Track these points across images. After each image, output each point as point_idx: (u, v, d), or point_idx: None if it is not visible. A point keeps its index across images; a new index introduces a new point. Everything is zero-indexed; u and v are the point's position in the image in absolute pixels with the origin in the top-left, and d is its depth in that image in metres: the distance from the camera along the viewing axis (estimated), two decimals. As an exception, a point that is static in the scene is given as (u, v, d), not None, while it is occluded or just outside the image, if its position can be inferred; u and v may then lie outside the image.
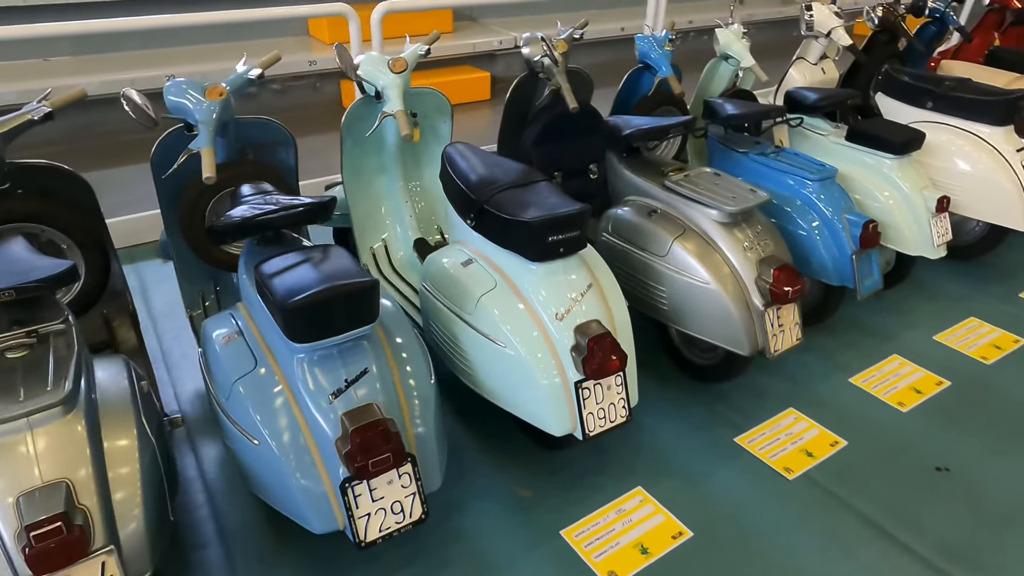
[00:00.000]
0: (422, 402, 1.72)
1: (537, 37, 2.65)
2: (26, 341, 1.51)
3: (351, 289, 1.51)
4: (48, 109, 1.89)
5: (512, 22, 6.38)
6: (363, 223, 2.65)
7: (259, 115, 2.31)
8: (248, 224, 1.72)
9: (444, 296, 2.01)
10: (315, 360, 1.58)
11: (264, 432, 1.57)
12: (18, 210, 1.93)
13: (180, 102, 2.04)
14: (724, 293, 2.12)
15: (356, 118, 2.47)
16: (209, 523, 1.91)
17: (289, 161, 2.40)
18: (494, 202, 1.90)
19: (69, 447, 1.38)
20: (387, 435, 1.51)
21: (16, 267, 1.58)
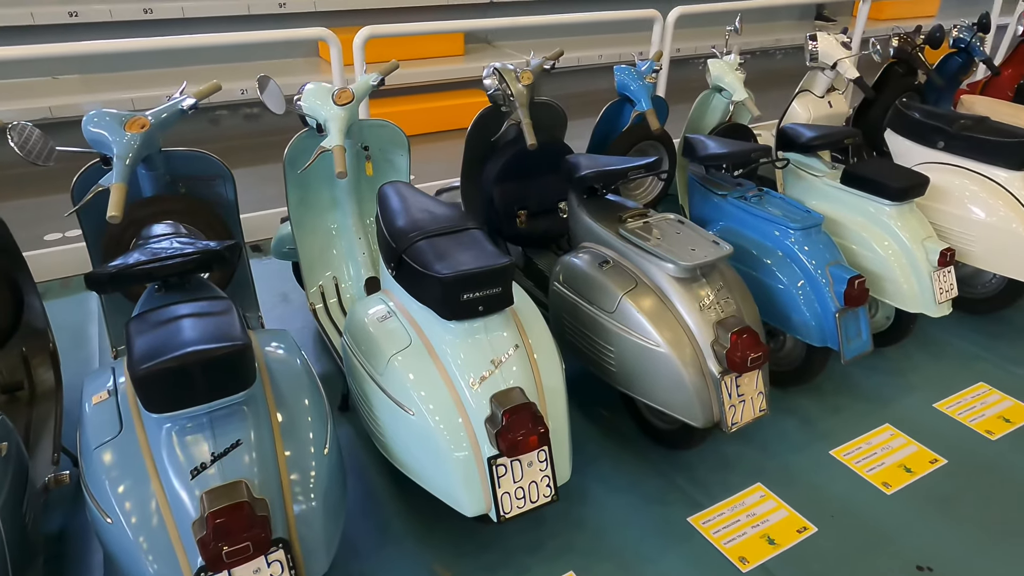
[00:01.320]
0: (314, 476, 1.55)
1: (493, 69, 2.48)
2: None
3: (213, 355, 1.35)
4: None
5: (528, 44, 6.25)
6: (311, 258, 2.51)
7: (192, 147, 2.19)
8: (122, 274, 1.58)
9: (360, 352, 1.84)
10: (183, 430, 1.42)
11: (120, 507, 1.42)
12: (-80, 246, 1.84)
13: (98, 133, 1.94)
14: (676, 357, 1.90)
15: (299, 150, 2.34)
16: (97, 589, 1.77)
17: (227, 195, 2.28)
18: (412, 251, 1.73)
19: None
20: (249, 520, 1.33)
21: None
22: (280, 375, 1.66)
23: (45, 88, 4.59)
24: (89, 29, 4.54)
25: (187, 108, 2.10)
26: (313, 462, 1.57)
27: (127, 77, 4.84)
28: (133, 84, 4.68)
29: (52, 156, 1.87)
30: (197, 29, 4.84)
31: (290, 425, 1.58)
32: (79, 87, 4.65)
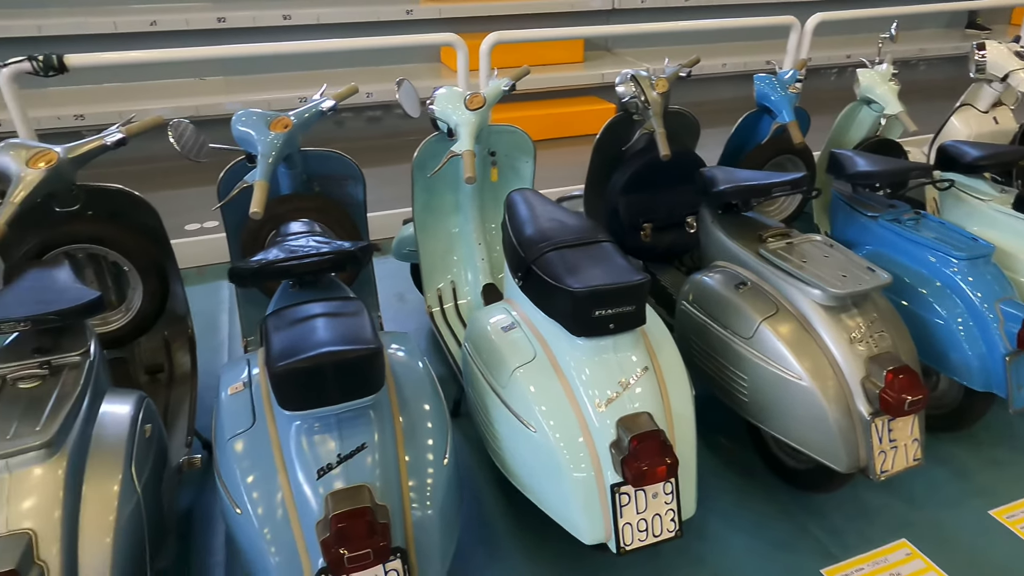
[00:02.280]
0: (432, 485, 1.52)
1: (628, 76, 2.39)
2: (38, 372, 1.49)
3: (346, 357, 1.34)
4: (121, 135, 1.93)
5: (649, 52, 6.10)
6: (432, 261, 2.52)
7: (328, 148, 2.25)
8: (263, 270, 1.62)
9: (481, 362, 1.81)
10: (311, 429, 1.43)
11: (249, 498, 1.44)
12: (85, 232, 1.97)
13: (245, 132, 2.02)
14: (819, 392, 1.74)
15: (428, 154, 2.35)
16: (218, 571, 1.83)
17: (357, 195, 2.32)
18: (542, 262, 1.68)
19: (42, 494, 1.32)
20: (372, 526, 1.32)
21: (43, 295, 1.57)
22: (403, 379, 1.65)
23: (193, 88, 4.94)
24: (234, 34, 4.83)
25: (327, 110, 2.15)
26: (432, 470, 1.54)
27: (265, 79, 5.13)
28: (270, 86, 4.94)
29: (205, 152, 1.97)
30: (330, 35, 5.05)
31: (411, 431, 1.55)
32: (222, 88, 4.96)
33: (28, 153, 1.79)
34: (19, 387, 1.47)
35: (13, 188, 1.72)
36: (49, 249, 1.93)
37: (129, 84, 4.86)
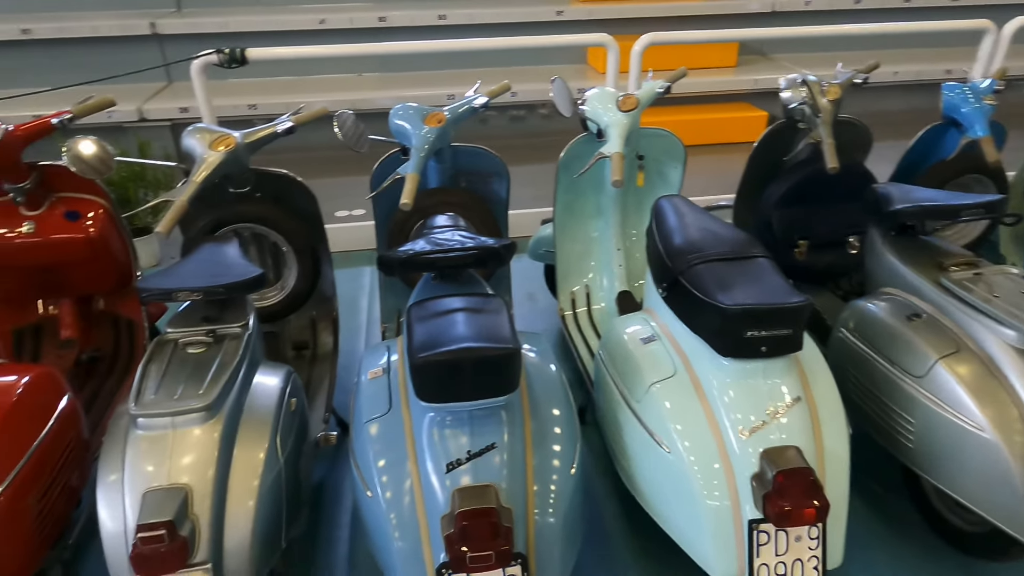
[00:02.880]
0: (557, 494, 1.48)
1: (798, 80, 2.22)
2: (204, 339, 1.61)
3: (485, 355, 1.33)
4: (290, 124, 2.05)
5: (808, 58, 5.71)
6: (567, 264, 2.48)
7: (476, 144, 2.27)
8: (409, 261, 1.65)
9: (616, 372, 1.74)
10: (444, 422, 1.43)
11: (379, 482, 1.47)
12: (252, 212, 2.12)
13: (401, 126, 2.08)
14: (1004, 446, 1.51)
15: (574, 155, 2.31)
16: (343, 547, 1.90)
17: (501, 192, 2.33)
18: (691, 274, 1.58)
19: (199, 454, 1.41)
20: (496, 528, 1.30)
21: (214, 269, 1.70)
22: (535, 381, 1.62)
23: (352, 83, 5.22)
24: (393, 32, 5.06)
25: (479, 106, 2.17)
26: (558, 477, 1.50)
27: (417, 76, 5.33)
28: (422, 83, 5.12)
29: (365, 143, 2.05)
30: (482, 34, 5.15)
31: (540, 435, 1.52)
32: (378, 84, 5.21)
33: (211, 137, 1.94)
34: (187, 352, 1.59)
35: (196, 168, 1.87)
36: (221, 226, 2.09)
37: (296, 78, 5.23)
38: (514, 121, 5.33)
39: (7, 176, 1.93)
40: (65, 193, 2.06)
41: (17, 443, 1.50)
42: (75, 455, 1.70)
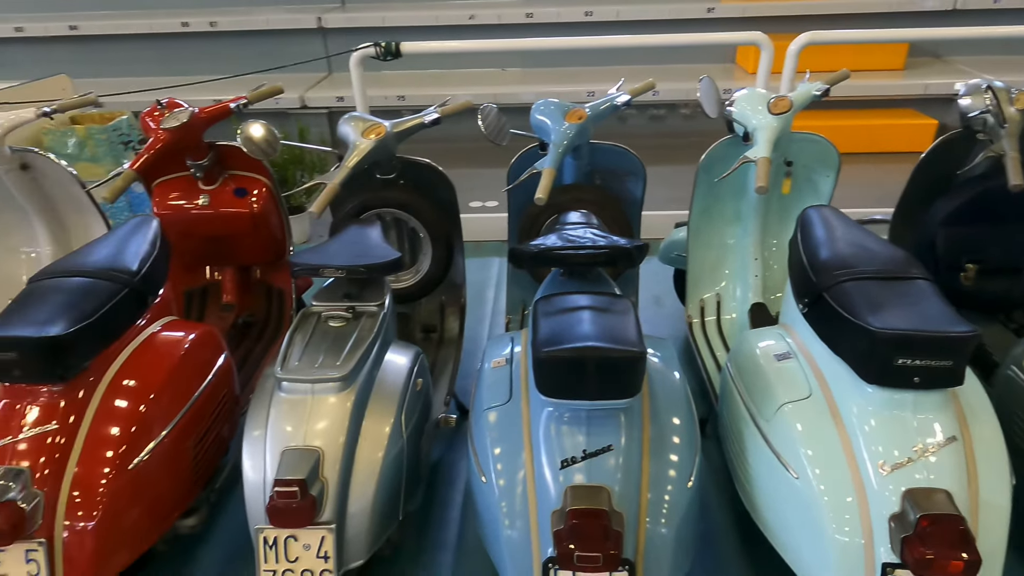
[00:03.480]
0: (671, 505, 1.44)
1: (982, 86, 1.99)
2: (345, 314, 1.71)
3: (610, 356, 1.32)
4: (436, 115, 2.13)
5: (990, 62, 5.13)
6: (699, 270, 2.40)
7: (616, 143, 2.25)
8: (541, 255, 1.66)
9: (743, 386, 1.66)
10: (562, 418, 1.44)
11: (494, 469, 1.50)
12: (396, 198, 2.23)
13: (541, 121, 2.10)
14: None
15: (717, 158, 2.23)
16: (453, 528, 1.96)
17: (636, 192, 2.30)
18: (838, 291, 1.48)
19: (333, 421, 1.51)
20: (606, 531, 1.29)
21: (357, 250, 1.81)
22: (658, 387, 1.58)
23: (495, 78, 5.34)
24: (540, 28, 5.11)
25: (621, 104, 2.15)
26: (673, 487, 1.46)
27: (559, 72, 5.35)
28: (563, 79, 5.15)
29: (505, 136, 2.09)
30: (628, 31, 5.08)
31: (659, 443, 1.49)
32: (520, 79, 5.29)
33: (364, 125, 2.06)
34: (329, 324, 1.70)
35: (349, 154, 2.00)
36: (366, 210, 2.21)
37: (442, 71, 5.42)
38: (653, 120, 5.22)
39: (190, 153, 2.15)
40: (236, 171, 2.27)
41: (182, 392, 1.68)
42: (227, 408, 1.87)
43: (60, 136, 3.39)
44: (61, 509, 1.46)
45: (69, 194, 2.35)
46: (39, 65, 5.06)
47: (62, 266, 1.65)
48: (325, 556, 1.44)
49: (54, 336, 1.42)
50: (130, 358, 1.66)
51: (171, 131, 2.04)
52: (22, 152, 2.26)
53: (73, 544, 1.46)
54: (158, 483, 1.60)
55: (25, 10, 5.33)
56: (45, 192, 2.36)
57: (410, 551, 1.87)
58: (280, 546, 1.44)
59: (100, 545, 1.48)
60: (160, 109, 2.12)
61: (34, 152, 2.27)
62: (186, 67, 5.11)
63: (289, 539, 1.44)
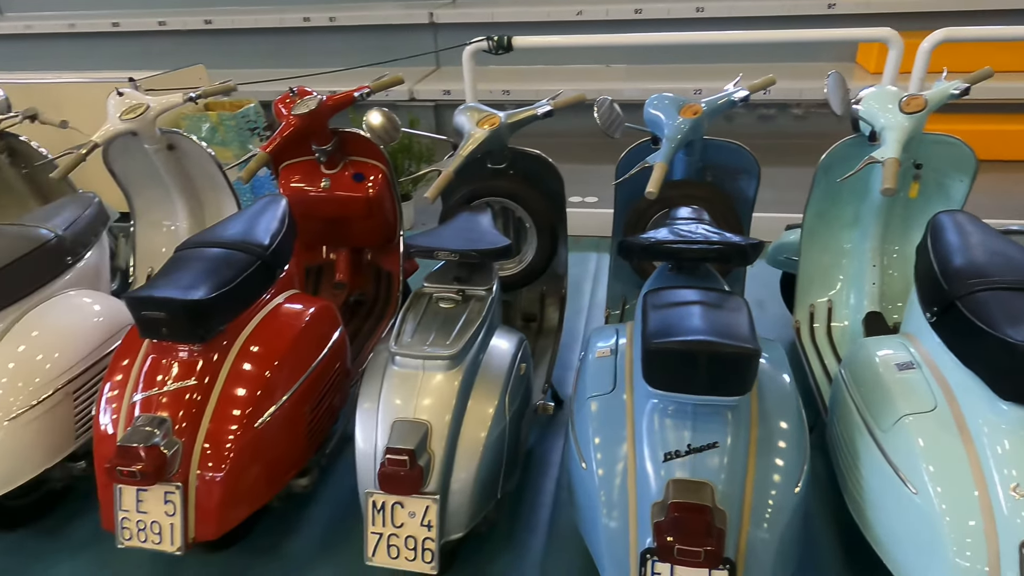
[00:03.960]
0: (775, 509, 1.41)
1: None
2: (455, 297, 1.77)
3: (723, 351, 1.30)
4: (549, 108, 2.16)
5: None
6: (810, 274, 2.31)
7: (732, 139, 2.20)
8: (652, 248, 1.65)
9: (859, 396, 1.59)
10: (667, 411, 1.43)
11: (594, 457, 1.52)
12: (505, 188, 2.28)
13: (655, 115, 2.08)
14: None
15: (839, 158, 2.14)
16: (545, 512, 1.99)
17: (748, 191, 2.24)
18: (972, 301, 1.39)
19: (441, 397, 1.57)
20: (708, 527, 1.28)
21: (469, 235, 1.86)
22: (767, 389, 1.55)
23: (598, 74, 5.32)
24: (648, 25, 5.04)
25: (739, 100, 2.10)
26: (778, 492, 1.42)
27: (664, 69, 5.27)
28: (667, 76, 5.06)
29: (619, 129, 2.09)
30: (741, 28, 4.94)
31: (766, 446, 1.46)
32: (625, 75, 5.25)
33: (479, 115, 2.12)
34: (439, 305, 1.77)
35: (464, 142, 2.06)
36: (477, 198, 2.27)
37: (546, 67, 5.46)
38: (762, 120, 5.05)
39: (316, 138, 2.28)
40: (355, 157, 2.39)
41: (302, 360, 1.80)
42: (340, 380, 1.98)
43: (196, 121, 3.67)
44: (195, 458, 1.60)
45: (207, 173, 2.55)
46: (178, 56, 5.50)
47: (204, 237, 1.80)
48: (428, 525, 1.50)
49: (197, 300, 1.56)
50: (259, 326, 1.79)
51: (301, 117, 2.18)
52: (170, 134, 2.47)
53: (204, 491, 1.60)
54: (278, 443, 1.72)
55: (167, 5, 5.79)
56: (186, 171, 2.57)
57: (502, 532, 1.91)
58: (387, 511, 1.51)
59: (227, 495, 1.61)
60: (291, 96, 2.27)
61: (180, 134, 2.48)
62: (307, 59, 5.39)
63: (396, 505, 1.51)
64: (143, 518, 1.58)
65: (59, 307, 1.91)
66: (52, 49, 5.90)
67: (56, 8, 6.03)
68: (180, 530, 1.56)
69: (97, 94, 3.74)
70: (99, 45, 5.79)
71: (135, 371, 1.67)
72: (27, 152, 2.66)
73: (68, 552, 1.91)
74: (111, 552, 1.89)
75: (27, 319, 1.84)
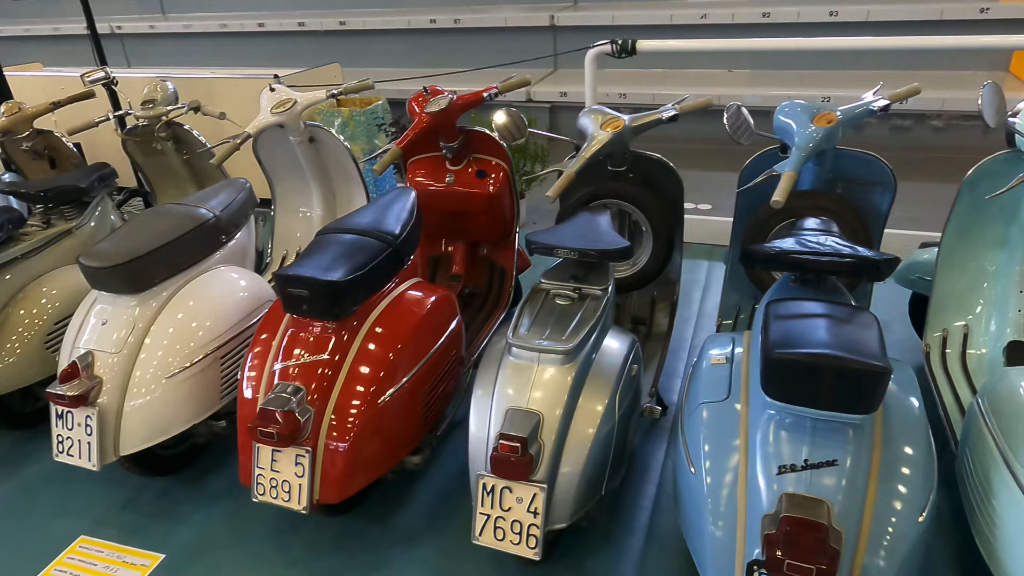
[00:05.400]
0: (895, 536, 1.35)
1: None
2: (571, 294, 1.82)
3: (851, 367, 1.27)
4: (674, 112, 2.15)
5: None
6: (945, 296, 2.18)
7: (866, 150, 2.11)
8: (779, 257, 1.62)
9: (998, 428, 1.50)
10: (784, 423, 1.41)
11: (704, 464, 1.51)
12: (625, 191, 2.30)
13: (786, 123, 2.04)
14: None
15: (988, 173, 2.00)
16: (645, 515, 1.99)
17: (881, 205, 2.14)
18: None
19: (554, 390, 1.62)
20: (822, 545, 1.25)
21: (588, 234, 1.90)
22: (893, 412, 1.49)
23: (719, 79, 5.20)
24: (776, 29, 4.88)
25: (879, 109, 2.01)
26: (899, 520, 1.37)
27: (789, 76, 5.07)
28: (795, 82, 4.86)
29: (748, 135, 2.06)
30: (879, 33, 4.68)
31: (889, 469, 1.40)
32: (748, 81, 5.10)
33: (603, 118, 2.15)
34: (556, 302, 1.82)
35: (587, 144, 2.10)
36: (596, 199, 2.31)
37: (666, 71, 5.40)
38: (895, 131, 4.75)
39: (444, 135, 2.39)
40: (479, 155, 2.48)
41: (422, 344, 1.90)
42: (454, 367, 2.08)
43: (329, 116, 3.92)
44: (324, 427, 1.74)
45: (342, 165, 2.73)
46: (315, 54, 5.89)
47: (342, 224, 1.94)
48: (535, 512, 1.56)
49: (336, 280, 1.69)
50: (385, 309, 1.90)
51: (432, 115, 2.29)
52: (313, 127, 2.66)
53: (329, 458, 1.73)
54: (396, 420, 1.83)
55: (306, 7, 6.20)
56: (324, 162, 2.77)
57: (602, 530, 1.94)
58: (496, 494, 1.58)
59: (349, 463, 1.73)
60: (424, 95, 2.39)
61: (321, 128, 2.67)
62: (432, 59, 5.62)
63: (505, 489, 1.57)
64: (276, 476, 1.73)
65: (213, 280, 2.11)
66: (206, 46, 6.47)
67: (210, 9, 6.60)
68: (308, 491, 1.70)
69: (244, 89, 4.10)
70: (246, 43, 6.30)
71: (276, 343, 1.83)
72: (189, 140, 2.95)
73: (206, 501, 2.12)
74: (241, 506, 2.08)
75: (186, 290, 2.05)
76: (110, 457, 1.92)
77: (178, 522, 2.05)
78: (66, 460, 1.92)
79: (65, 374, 1.87)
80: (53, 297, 2.28)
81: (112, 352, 1.91)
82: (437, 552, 1.90)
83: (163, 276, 2.00)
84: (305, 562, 1.90)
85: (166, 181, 3.13)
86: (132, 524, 2.06)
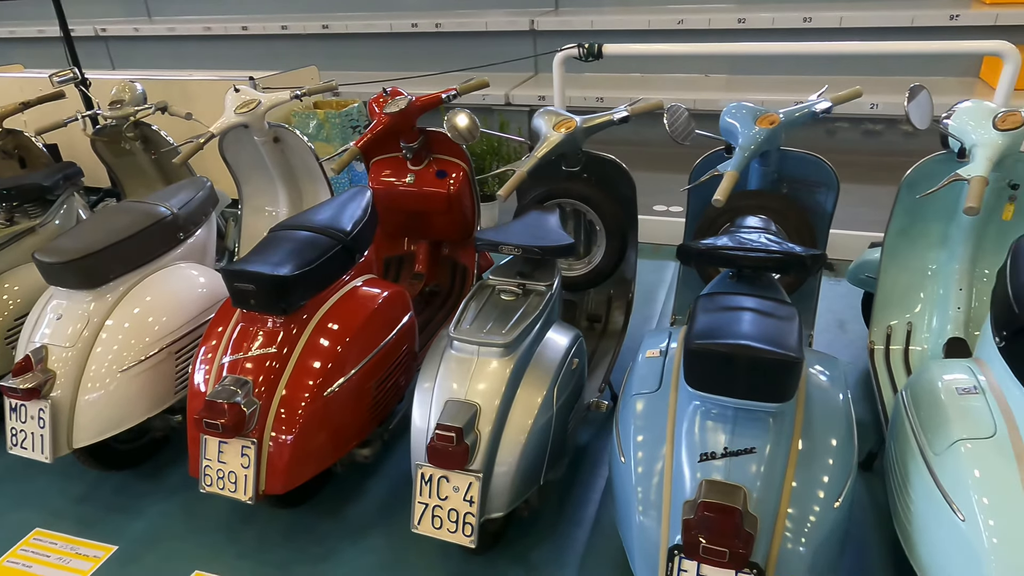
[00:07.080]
0: (812, 522, 1.40)
1: None
2: (515, 290, 1.86)
3: (764, 357, 1.31)
4: (626, 113, 2.20)
5: None
6: (889, 294, 2.23)
7: (809, 151, 2.16)
8: (710, 253, 1.66)
9: (917, 418, 1.54)
10: (708, 413, 1.45)
11: (635, 454, 1.55)
12: (579, 191, 2.34)
13: (731, 124, 2.09)
14: None
15: (925, 175, 2.06)
16: (592, 508, 2.03)
17: (826, 205, 2.19)
18: (1043, 327, 1.33)
19: (492, 382, 1.66)
20: (737, 530, 1.29)
21: (535, 232, 1.94)
22: (816, 404, 1.53)
23: (696, 83, 5.26)
24: (752, 35, 4.94)
25: (820, 111, 2.07)
26: (818, 507, 1.41)
27: (765, 80, 5.13)
28: (768, 87, 4.93)
29: (690, 137, 2.11)
30: (851, 39, 4.74)
31: (808, 459, 1.44)
32: (723, 85, 5.16)
33: (555, 119, 2.19)
34: (501, 297, 1.86)
35: (539, 145, 2.14)
36: (549, 199, 2.35)
37: (644, 75, 5.45)
38: (867, 136, 4.82)
39: (404, 136, 2.44)
40: (439, 155, 2.52)
41: (372, 338, 1.94)
42: (406, 362, 2.12)
43: (304, 118, 3.97)
44: (270, 419, 1.77)
45: (307, 165, 2.77)
46: (298, 58, 5.93)
47: (294, 222, 1.98)
48: (471, 500, 1.59)
49: (283, 275, 1.73)
50: (335, 304, 1.94)
51: (391, 115, 2.34)
52: (277, 127, 2.71)
53: (275, 449, 1.77)
54: (344, 413, 1.86)
55: (289, 11, 6.25)
56: (289, 162, 2.81)
57: (548, 522, 1.98)
58: (434, 484, 1.62)
59: (295, 454, 1.77)
60: (385, 96, 2.43)
61: (285, 128, 2.71)
62: (414, 63, 5.66)
63: (442, 479, 1.61)
64: (222, 467, 1.76)
65: (170, 277, 2.15)
66: (191, 49, 6.52)
67: (194, 13, 6.65)
68: (253, 481, 1.74)
69: (220, 90, 4.13)
70: (230, 47, 6.34)
71: (226, 337, 1.87)
72: (156, 139, 3.00)
73: (162, 494, 2.15)
74: (197, 499, 2.11)
75: (142, 285, 2.09)
76: (63, 450, 1.95)
77: (133, 515, 2.08)
78: (20, 453, 1.95)
79: (19, 368, 1.90)
80: (15, 294, 2.31)
81: (66, 346, 1.94)
82: (386, 542, 1.94)
83: (118, 272, 2.04)
84: (256, 554, 1.93)
85: (135, 181, 3.17)
86: (88, 517, 2.09)
